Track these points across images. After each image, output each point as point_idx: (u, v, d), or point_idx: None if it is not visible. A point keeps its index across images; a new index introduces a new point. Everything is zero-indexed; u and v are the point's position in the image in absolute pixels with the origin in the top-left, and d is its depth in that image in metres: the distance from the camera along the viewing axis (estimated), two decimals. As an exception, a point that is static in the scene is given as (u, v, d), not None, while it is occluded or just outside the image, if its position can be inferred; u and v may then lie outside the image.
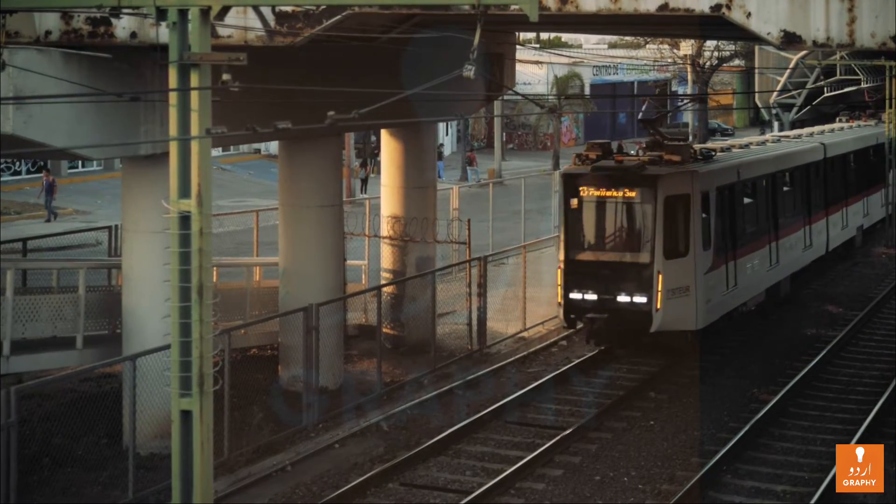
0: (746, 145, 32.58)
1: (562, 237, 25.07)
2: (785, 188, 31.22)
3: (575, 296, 24.52)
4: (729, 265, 26.22)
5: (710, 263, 24.98)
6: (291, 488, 18.27)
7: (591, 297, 24.40)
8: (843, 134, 40.74)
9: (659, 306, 23.75)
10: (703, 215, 24.84)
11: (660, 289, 23.78)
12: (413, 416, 21.61)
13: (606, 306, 24.18)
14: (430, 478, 18.70)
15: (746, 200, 28.02)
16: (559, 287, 24.73)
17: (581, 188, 24.83)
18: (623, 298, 24.14)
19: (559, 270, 24.76)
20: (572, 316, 24.73)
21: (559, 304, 24.74)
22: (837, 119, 47.98)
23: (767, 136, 37.71)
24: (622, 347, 25.56)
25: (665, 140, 26.50)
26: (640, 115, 27.12)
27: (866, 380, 24.59)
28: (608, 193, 24.69)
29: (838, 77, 57.33)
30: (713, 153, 27.87)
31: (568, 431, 20.38)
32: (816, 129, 41.94)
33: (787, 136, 37.53)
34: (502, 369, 25.03)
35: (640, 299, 23.95)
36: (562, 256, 24.85)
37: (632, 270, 24.29)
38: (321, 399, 21.47)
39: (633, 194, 24.46)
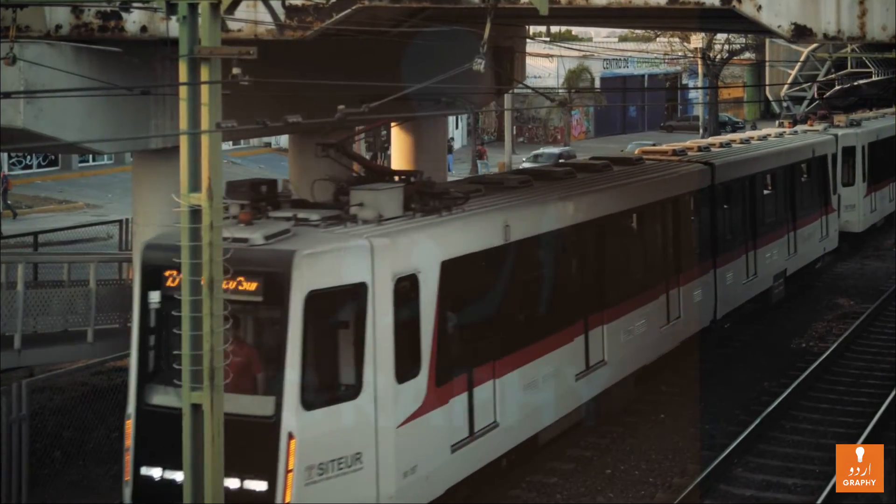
0: (570, 173, 21.34)
1: (133, 363, 14.52)
2: (624, 239, 21.18)
3: (150, 472, 13.95)
4: (477, 392, 15.95)
5: (418, 402, 14.74)
6: (302, 482, 18.26)
7: (176, 475, 12.95)
8: (757, 147, 30.34)
9: (289, 498, 13.29)
10: (402, 317, 14.55)
11: (291, 466, 13.29)
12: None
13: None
14: (440, 471, 18.69)
15: (521, 275, 17.47)
16: (127, 452, 14.26)
17: (169, 274, 13.94)
18: (229, 483, 12.68)
19: (128, 424, 14.40)
20: None
21: (126, 482, 14.24)
22: (777, 123, 42.04)
23: (636, 151, 28.08)
24: None
25: (377, 175, 17.09)
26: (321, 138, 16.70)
27: (877, 373, 24.56)
28: None
29: (849, 70, 57.26)
30: (466, 197, 16.95)
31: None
32: (721, 139, 32.24)
33: (663, 153, 26.57)
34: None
35: (256, 486, 13.41)
36: (132, 398, 14.41)
37: (243, 431, 13.26)
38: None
39: (250, 288, 13.62)
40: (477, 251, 16.22)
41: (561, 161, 26.75)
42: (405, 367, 14.52)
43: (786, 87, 61.11)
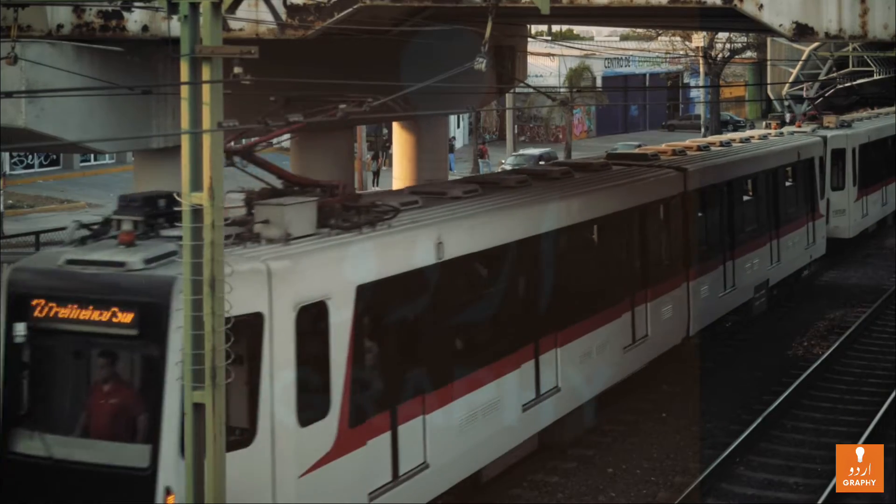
0: (524, 181, 19.30)
1: None
2: (582, 253, 19.33)
3: None
4: (402, 431, 14.26)
5: (326, 446, 12.94)
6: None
7: None
8: (737, 151, 28.58)
9: None
10: (307, 351, 12.78)
11: None
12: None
13: None
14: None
15: (456, 297, 15.67)
16: None
17: (36, 303, 12.33)
18: None
19: None
20: None
21: None
22: (764, 125, 40.53)
23: (602, 158, 25.27)
24: None
25: (292, 185, 14.99)
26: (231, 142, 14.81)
27: (878, 372, 24.55)
28: (83, 316, 12.08)
29: (851, 69, 57.16)
30: (396, 211, 15.08)
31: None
32: (700, 142, 30.31)
33: (633, 159, 24.99)
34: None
35: None
36: None
37: (113, 485, 11.88)
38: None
39: (125, 320, 11.95)
40: (402, 272, 14.34)
41: (517, 168, 24.87)
42: (310, 408, 12.69)
43: (787, 85, 60.94)
